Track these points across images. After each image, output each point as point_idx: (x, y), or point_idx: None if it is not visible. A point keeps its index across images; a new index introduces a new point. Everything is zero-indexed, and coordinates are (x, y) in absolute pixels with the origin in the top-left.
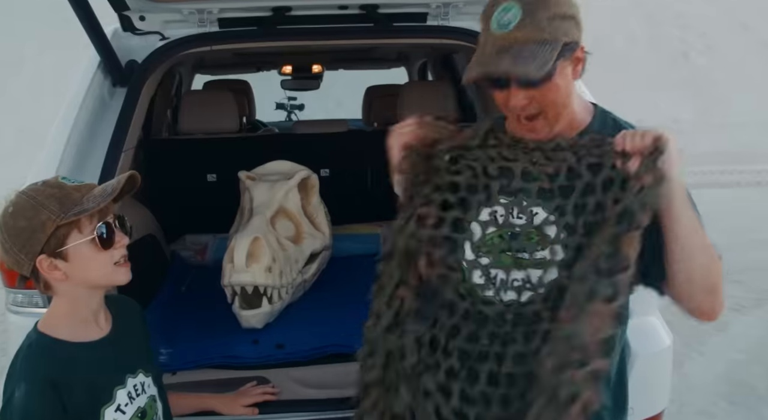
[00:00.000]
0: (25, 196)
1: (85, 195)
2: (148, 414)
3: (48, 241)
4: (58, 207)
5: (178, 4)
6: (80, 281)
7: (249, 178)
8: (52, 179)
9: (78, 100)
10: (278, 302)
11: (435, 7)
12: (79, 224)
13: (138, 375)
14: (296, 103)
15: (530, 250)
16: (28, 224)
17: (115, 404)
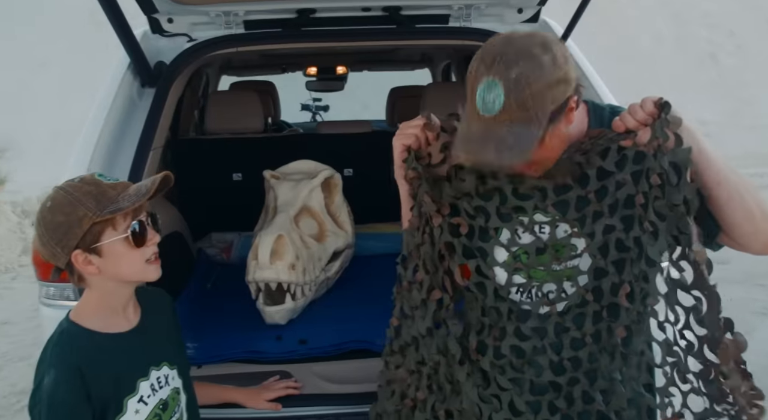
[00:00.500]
0: (63, 192)
1: (121, 193)
2: (170, 406)
3: (84, 236)
4: (94, 204)
5: (205, 6)
6: (112, 276)
7: (273, 177)
8: (89, 176)
9: (108, 100)
10: (301, 299)
11: (457, 9)
12: (114, 221)
13: (162, 367)
14: (321, 105)
15: (561, 260)
16: (66, 219)
17: (137, 395)
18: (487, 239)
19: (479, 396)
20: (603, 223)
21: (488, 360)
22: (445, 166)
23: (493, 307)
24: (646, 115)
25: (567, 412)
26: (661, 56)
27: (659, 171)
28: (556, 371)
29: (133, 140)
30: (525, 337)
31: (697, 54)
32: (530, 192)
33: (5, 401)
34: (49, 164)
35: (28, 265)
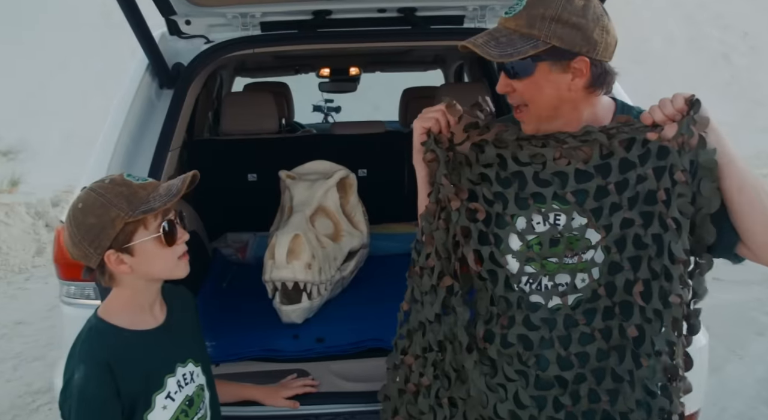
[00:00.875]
0: (95, 194)
1: (151, 193)
2: (195, 402)
3: (116, 237)
4: (126, 205)
5: (223, 8)
6: (144, 274)
7: (289, 178)
8: (118, 176)
9: (127, 101)
10: (317, 298)
11: (472, 10)
12: (145, 221)
13: (188, 364)
14: (333, 106)
15: (575, 252)
16: (98, 221)
17: (165, 391)
18: (503, 226)
19: (486, 384)
20: (621, 216)
21: (495, 348)
22: (467, 143)
23: (503, 296)
24: (675, 111)
25: (572, 409)
26: (673, 57)
27: (682, 168)
28: (562, 366)
29: (152, 141)
30: (533, 326)
31: (710, 55)
32: (550, 178)
33: (21, 401)
34: (62, 166)
35: (42, 265)
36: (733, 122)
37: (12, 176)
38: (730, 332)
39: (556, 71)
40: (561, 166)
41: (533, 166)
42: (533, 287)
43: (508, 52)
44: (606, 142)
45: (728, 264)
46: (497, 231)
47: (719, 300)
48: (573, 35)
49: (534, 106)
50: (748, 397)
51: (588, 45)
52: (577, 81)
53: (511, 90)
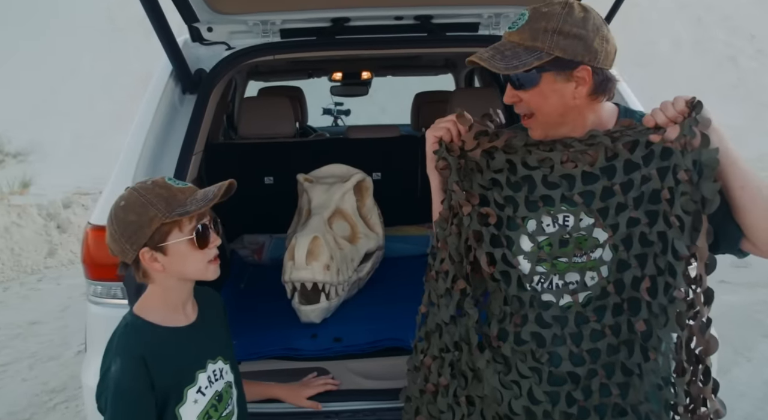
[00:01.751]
0: (137, 193)
1: (189, 197)
2: (224, 398)
3: (152, 236)
4: (164, 206)
5: (244, 15)
6: (176, 274)
7: (307, 181)
8: (160, 179)
9: (153, 105)
10: (335, 298)
11: (486, 17)
12: (180, 223)
13: (217, 361)
14: (342, 109)
15: (584, 252)
16: (137, 219)
17: (196, 386)
18: (515, 228)
19: (500, 382)
20: (627, 216)
21: (509, 346)
22: (477, 150)
23: (516, 296)
24: (677, 113)
25: (584, 404)
26: (680, 60)
27: (686, 168)
28: (574, 362)
29: (176, 144)
30: (546, 324)
31: (717, 57)
32: (558, 180)
33: (37, 399)
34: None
35: (54, 267)
36: (739, 125)
37: (23, 178)
38: (737, 334)
39: (560, 81)
40: (568, 169)
41: (542, 170)
42: (545, 286)
43: (514, 64)
44: (610, 145)
45: (735, 267)
46: (509, 233)
47: (726, 302)
48: (575, 46)
49: (540, 115)
50: (756, 399)
51: (589, 54)
52: (580, 89)
53: (518, 100)
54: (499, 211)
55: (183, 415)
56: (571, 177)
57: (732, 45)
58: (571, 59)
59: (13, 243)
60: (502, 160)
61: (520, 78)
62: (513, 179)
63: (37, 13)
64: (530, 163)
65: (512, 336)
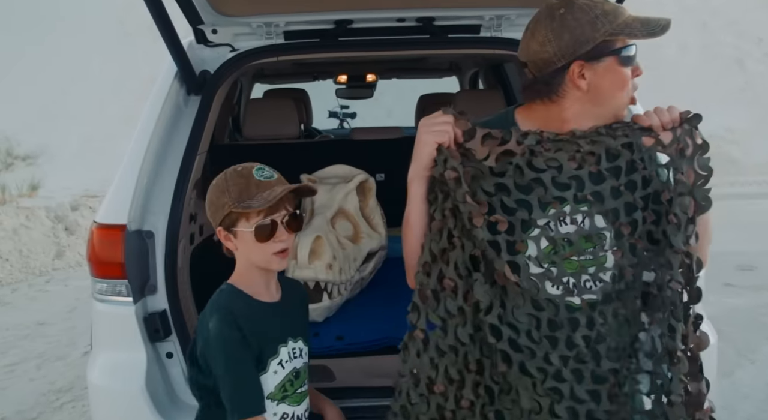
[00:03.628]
0: (224, 177)
1: (261, 192)
2: (301, 376)
3: (224, 219)
4: (236, 196)
5: (248, 17)
6: (245, 257)
7: (310, 181)
8: (249, 167)
9: (158, 106)
10: (338, 297)
11: (488, 19)
12: (248, 214)
13: (298, 341)
14: (348, 112)
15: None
16: (216, 200)
17: (278, 358)
18: (530, 231)
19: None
20: (641, 215)
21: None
22: (491, 157)
23: (549, 298)
24: (670, 120)
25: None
26: (687, 64)
27: (683, 170)
28: (612, 358)
29: (180, 144)
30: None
31: (724, 61)
32: (568, 181)
33: (45, 398)
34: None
35: (62, 268)
36: (746, 129)
37: (32, 181)
38: (741, 337)
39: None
40: (574, 170)
41: (549, 172)
42: (571, 287)
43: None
44: (613, 144)
45: (740, 270)
46: (524, 237)
47: (731, 305)
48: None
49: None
50: (759, 401)
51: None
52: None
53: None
54: (510, 215)
55: (264, 382)
56: (579, 178)
57: (739, 49)
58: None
59: (21, 245)
60: (508, 164)
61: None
62: (520, 182)
63: (46, 16)
64: (537, 165)
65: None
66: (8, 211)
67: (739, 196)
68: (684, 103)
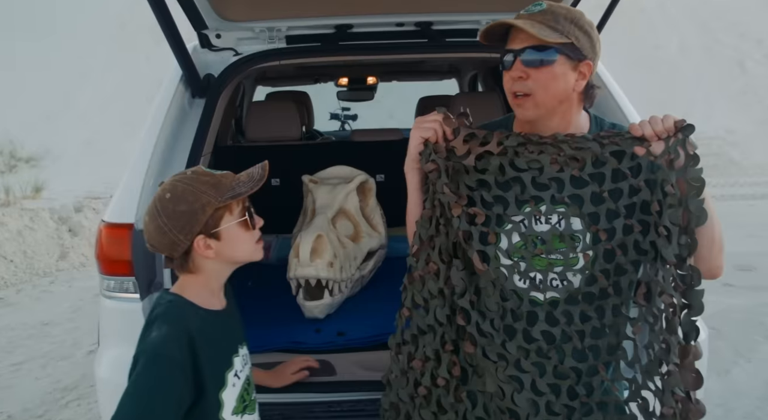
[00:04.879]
0: (182, 184)
1: (233, 181)
2: (251, 382)
3: (206, 222)
4: (215, 192)
5: (251, 22)
6: (227, 258)
7: (312, 182)
8: (198, 168)
9: (163, 109)
10: (338, 295)
11: (485, 24)
12: (230, 207)
13: (244, 346)
14: (350, 114)
15: (563, 253)
16: (189, 208)
17: (233, 369)
18: (505, 226)
19: (500, 378)
20: (622, 223)
21: (515, 344)
22: (471, 156)
23: (513, 290)
24: (664, 129)
25: (587, 400)
26: (688, 65)
27: (671, 182)
28: (577, 358)
29: (185, 146)
30: (554, 321)
31: (725, 63)
32: (548, 182)
33: (50, 397)
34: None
35: (66, 269)
36: (747, 130)
37: (35, 183)
38: (739, 336)
39: (569, 67)
40: (555, 173)
41: (530, 172)
42: (537, 283)
43: (544, 34)
44: (599, 151)
45: (739, 270)
46: (498, 230)
47: (729, 305)
48: (585, 41)
49: (540, 96)
50: (756, 398)
51: (593, 54)
52: (580, 82)
53: (525, 77)
54: (487, 209)
55: (225, 399)
56: (560, 180)
57: (740, 50)
58: (581, 51)
59: (26, 246)
60: (491, 162)
61: (541, 54)
62: (501, 180)
63: (49, 20)
64: (519, 165)
65: (521, 334)
66: (12, 212)
67: (740, 197)
68: (684, 104)
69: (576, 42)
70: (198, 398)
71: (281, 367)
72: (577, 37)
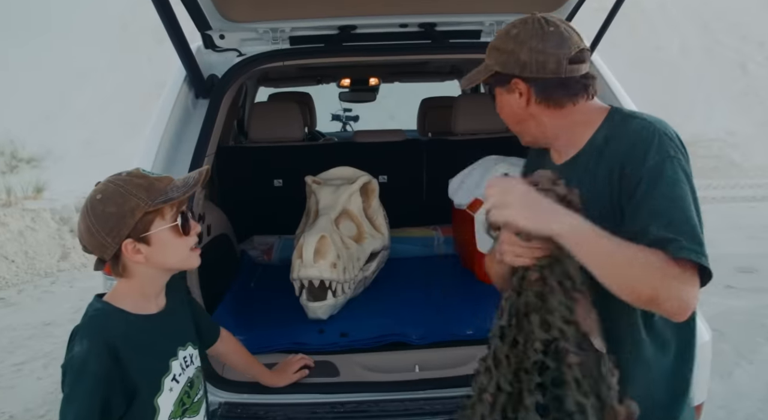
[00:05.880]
0: (113, 185)
1: (168, 185)
2: (195, 384)
3: (135, 226)
4: (146, 195)
5: (255, 23)
6: (159, 264)
7: (315, 183)
8: (135, 170)
9: (167, 109)
10: (342, 296)
11: (488, 25)
12: (162, 212)
13: (187, 347)
14: (351, 115)
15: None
16: (118, 210)
17: (171, 374)
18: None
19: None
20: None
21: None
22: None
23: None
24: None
25: None
26: (689, 66)
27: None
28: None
29: (189, 146)
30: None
31: (726, 64)
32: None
33: (52, 397)
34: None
35: (67, 270)
36: (748, 132)
37: (36, 183)
38: (740, 338)
39: (505, 93)
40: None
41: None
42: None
43: (467, 80)
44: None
45: (741, 272)
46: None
47: (731, 306)
48: (507, 60)
49: (510, 126)
50: (757, 400)
51: (519, 66)
52: (522, 99)
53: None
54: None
55: (161, 404)
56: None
57: (741, 52)
58: (506, 73)
59: (27, 246)
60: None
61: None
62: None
63: (50, 19)
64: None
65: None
66: (14, 213)
67: (740, 199)
68: (685, 106)
69: (500, 67)
70: (130, 406)
71: (282, 366)
72: (501, 63)
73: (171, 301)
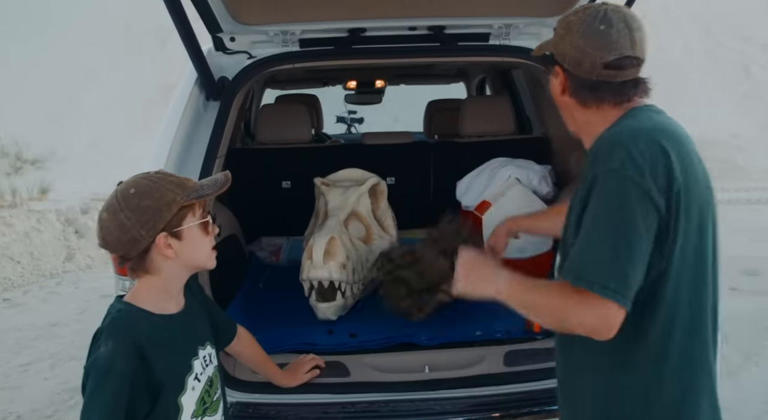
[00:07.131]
0: (147, 181)
1: (197, 184)
2: (214, 383)
3: (171, 220)
4: (181, 190)
5: (265, 26)
6: (187, 260)
7: (324, 184)
8: (161, 171)
9: (179, 111)
10: (351, 297)
11: (497, 28)
12: (193, 209)
13: (206, 346)
14: (356, 117)
15: None
16: (154, 204)
17: (193, 373)
18: None
19: None
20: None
21: None
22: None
23: None
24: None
25: None
26: (692, 69)
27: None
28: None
29: (200, 148)
30: None
31: (730, 67)
32: None
33: (59, 397)
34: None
35: (72, 271)
36: (751, 134)
37: (41, 184)
38: (746, 340)
39: (552, 75)
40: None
41: None
42: None
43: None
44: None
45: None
46: None
47: (736, 309)
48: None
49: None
50: (763, 402)
51: (561, 56)
52: (559, 87)
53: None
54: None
55: (184, 403)
56: None
57: (744, 54)
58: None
59: (32, 247)
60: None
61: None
62: None
63: (54, 21)
64: None
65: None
66: (19, 214)
67: (744, 202)
68: (689, 108)
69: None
70: (155, 405)
71: (294, 366)
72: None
73: (188, 301)
